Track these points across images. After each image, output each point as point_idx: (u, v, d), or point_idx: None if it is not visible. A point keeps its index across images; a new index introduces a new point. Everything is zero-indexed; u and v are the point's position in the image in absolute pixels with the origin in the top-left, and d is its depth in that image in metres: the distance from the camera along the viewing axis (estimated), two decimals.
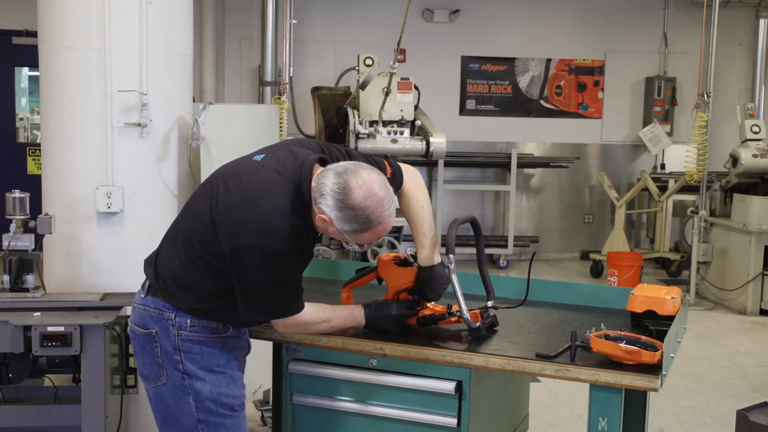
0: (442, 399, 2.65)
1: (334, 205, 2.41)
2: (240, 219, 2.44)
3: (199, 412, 2.59)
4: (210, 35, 8.68)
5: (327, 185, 2.42)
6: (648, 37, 10.15)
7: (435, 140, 6.61)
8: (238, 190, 2.51)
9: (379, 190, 2.43)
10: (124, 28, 3.69)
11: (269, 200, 2.45)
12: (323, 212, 2.44)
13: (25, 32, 8.74)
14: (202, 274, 2.55)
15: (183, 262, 2.57)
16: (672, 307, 2.75)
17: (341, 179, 2.41)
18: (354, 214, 2.41)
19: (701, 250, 7.99)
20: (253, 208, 2.44)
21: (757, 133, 7.92)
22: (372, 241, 2.54)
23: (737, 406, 3.63)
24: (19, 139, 9.43)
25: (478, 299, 2.93)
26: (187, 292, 2.57)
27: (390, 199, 2.46)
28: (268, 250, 2.41)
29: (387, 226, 2.47)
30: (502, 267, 9.37)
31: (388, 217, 2.46)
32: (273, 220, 2.42)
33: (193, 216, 2.59)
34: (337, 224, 2.44)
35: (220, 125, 4.10)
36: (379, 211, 2.43)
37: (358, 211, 2.41)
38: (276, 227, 2.42)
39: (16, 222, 3.51)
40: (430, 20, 9.72)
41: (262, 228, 2.41)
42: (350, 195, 2.40)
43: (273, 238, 2.41)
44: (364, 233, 2.47)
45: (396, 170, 2.75)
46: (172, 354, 2.58)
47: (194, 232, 2.56)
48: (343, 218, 2.42)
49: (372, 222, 2.43)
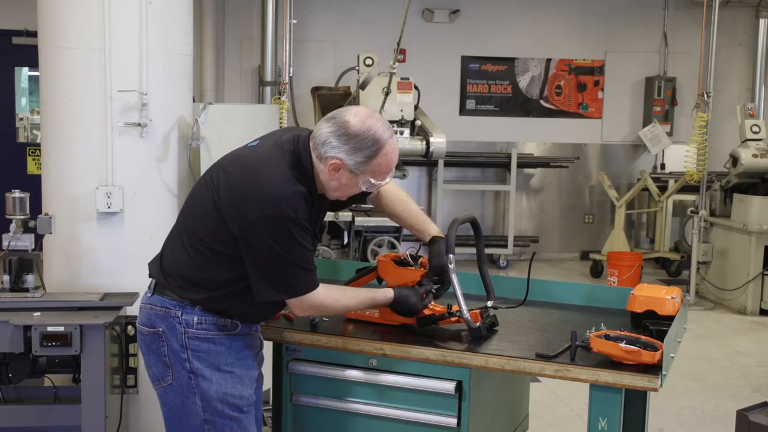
0: (442, 399, 2.65)
1: (339, 143, 2.47)
2: (245, 195, 2.45)
3: (205, 412, 2.57)
4: (210, 35, 8.68)
5: (324, 133, 2.49)
6: (648, 37, 10.15)
7: (435, 140, 6.61)
8: (238, 170, 2.53)
9: (372, 112, 2.52)
10: (124, 28, 3.68)
11: (271, 171, 2.47)
12: (332, 157, 2.47)
13: (25, 32, 8.74)
14: (212, 264, 2.54)
15: (192, 256, 2.56)
16: (672, 307, 2.75)
17: (334, 120, 2.50)
18: (361, 140, 2.46)
19: (701, 250, 7.99)
20: (256, 182, 2.46)
21: (757, 133, 7.92)
22: (388, 170, 2.55)
23: (737, 406, 3.62)
24: (19, 139, 9.43)
25: (478, 299, 2.93)
26: (198, 285, 2.55)
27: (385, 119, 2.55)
28: (279, 216, 2.41)
29: (395, 144, 2.54)
30: (502, 267, 9.37)
31: (392, 135, 2.52)
32: (278, 188, 2.44)
33: (197, 209, 2.59)
34: (348, 160, 2.47)
35: (220, 125, 4.10)
36: (383, 128, 2.49)
37: (362, 135, 2.46)
38: (282, 193, 2.43)
39: (16, 222, 3.51)
40: (430, 20, 9.72)
41: (269, 198, 2.42)
42: (349, 125, 2.47)
43: (281, 204, 2.41)
44: (377, 158, 2.49)
45: None
46: (179, 352, 2.56)
47: (200, 224, 2.55)
48: (352, 149, 2.47)
49: (380, 140, 2.47)
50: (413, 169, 9.20)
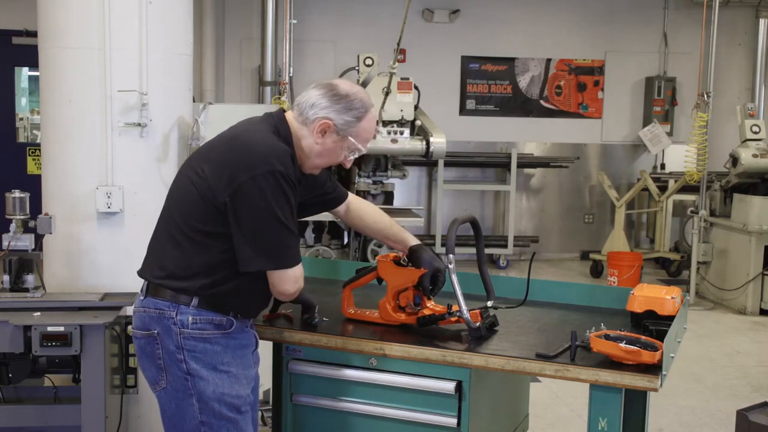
0: (442, 399, 2.65)
1: (329, 102, 2.55)
2: (233, 162, 2.46)
3: (202, 414, 2.55)
4: (210, 35, 8.69)
5: (312, 95, 2.59)
6: (648, 37, 10.15)
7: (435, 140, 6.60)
8: (218, 145, 2.58)
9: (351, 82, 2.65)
10: (124, 28, 3.69)
11: (255, 136, 2.53)
12: (321, 117, 2.55)
13: (25, 32, 8.74)
14: (204, 247, 2.51)
15: (182, 244, 2.53)
16: (672, 307, 2.75)
17: (321, 85, 2.60)
18: (349, 101, 2.56)
19: (701, 250, 7.99)
20: (242, 147, 2.49)
21: (757, 133, 7.92)
22: (370, 137, 2.64)
23: (737, 406, 3.63)
24: (19, 139, 9.43)
25: (478, 299, 2.93)
26: (192, 274, 2.52)
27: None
28: (270, 172, 2.42)
29: (375, 114, 2.66)
30: (502, 267, 9.37)
31: (372, 104, 2.62)
32: (266, 146, 2.48)
33: (182, 201, 2.56)
34: (338, 119, 2.55)
35: (220, 125, 4.07)
36: (367, 95, 2.61)
37: (351, 96, 2.56)
38: (271, 150, 2.47)
39: (16, 222, 3.51)
40: (430, 20, 9.72)
41: (259, 156, 2.45)
42: (338, 87, 2.57)
43: (271, 160, 2.44)
44: (364, 121, 2.58)
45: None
46: (174, 353, 2.54)
47: (188, 212, 2.53)
48: (341, 109, 2.55)
49: (366, 104, 2.58)
50: (413, 169, 9.20)
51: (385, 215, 3.01)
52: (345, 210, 2.96)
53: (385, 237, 2.98)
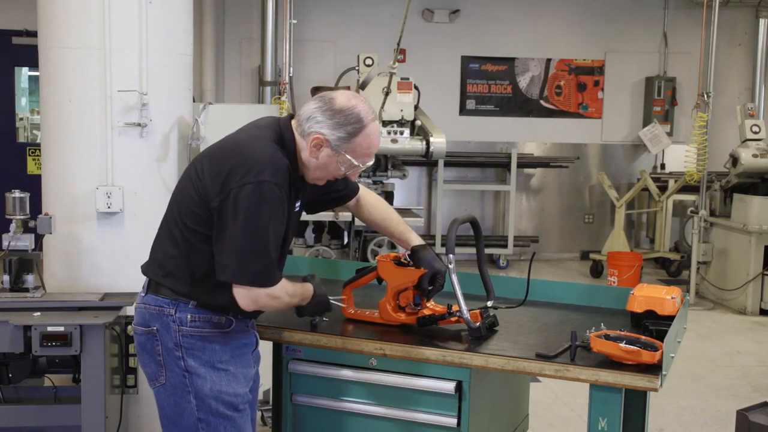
0: (442, 399, 2.65)
1: (323, 117, 2.51)
2: (228, 169, 2.45)
3: (199, 411, 2.56)
4: (210, 35, 8.68)
5: (309, 109, 2.55)
6: (648, 37, 10.15)
7: (435, 140, 6.61)
8: (221, 149, 2.57)
9: (357, 94, 2.57)
10: (124, 28, 3.68)
11: (254, 145, 2.51)
12: (315, 132, 2.51)
13: (25, 32, 8.74)
14: (201, 248, 2.52)
15: (179, 243, 2.55)
16: (672, 307, 2.75)
17: (320, 98, 2.55)
18: (345, 116, 2.50)
19: (701, 250, 7.99)
20: (239, 154, 2.48)
21: (757, 133, 7.92)
22: (369, 153, 2.57)
23: (737, 406, 3.62)
24: (19, 139, 9.43)
25: (478, 299, 2.93)
26: (189, 274, 2.54)
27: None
28: (261, 183, 2.40)
29: (377, 129, 2.58)
30: (502, 267, 9.37)
31: (375, 118, 2.57)
32: (261, 157, 2.46)
33: (181, 198, 2.58)
34: (331, 135, 2.50)
35: (220, 125, 4.08)
36: (367, 109, 2.53)
37: (347, 111, 2.50)
38: (267, 160, 2.45)
39: (16, 222, 3.51)
40: (430, 20, 9.72)
41: (253, 165, 2.43)
42: (335, 101, 2.52)
43: (264, 171, 2.42)
44: (358, 137, 2.51)
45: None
46: (173, 351, 2.56)
47: (185, 211, 2.54)
48: (336, 125, 2.50)
49: (363, 120, 2.51)
50: (413, 169, 9.20)
51: (394, 212, 3.00)
52: (355, 203, 2.97)
53: (390, 234, 2.98)
